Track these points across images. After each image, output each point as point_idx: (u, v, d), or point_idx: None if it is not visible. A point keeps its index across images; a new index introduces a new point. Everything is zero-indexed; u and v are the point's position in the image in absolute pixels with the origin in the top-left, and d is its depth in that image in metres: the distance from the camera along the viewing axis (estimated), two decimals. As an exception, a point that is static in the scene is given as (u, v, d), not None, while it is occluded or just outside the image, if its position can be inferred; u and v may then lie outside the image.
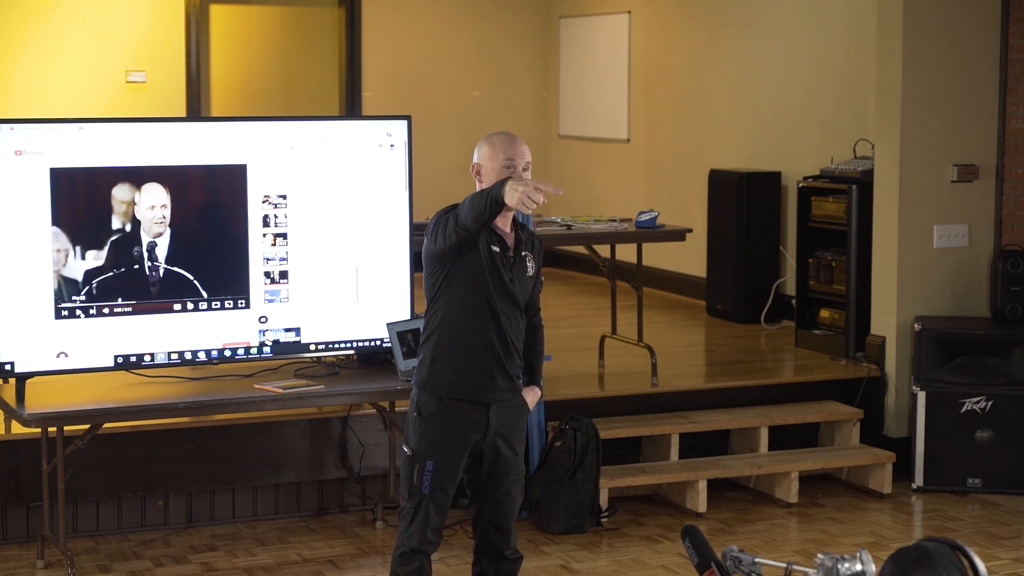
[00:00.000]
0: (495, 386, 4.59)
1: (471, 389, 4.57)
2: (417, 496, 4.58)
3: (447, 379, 4.57)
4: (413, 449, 4.60)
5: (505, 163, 4.56)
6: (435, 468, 4.56)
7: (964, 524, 6.68)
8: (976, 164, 7.57)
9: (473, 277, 4.53)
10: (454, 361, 4.56)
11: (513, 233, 4.65)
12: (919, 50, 7.44)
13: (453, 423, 4.56)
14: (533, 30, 12.06)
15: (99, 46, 10.93)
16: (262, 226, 6.19)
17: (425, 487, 4.56)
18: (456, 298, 4.55)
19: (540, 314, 4.84)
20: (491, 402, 4.59)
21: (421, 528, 4.60)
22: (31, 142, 5.81)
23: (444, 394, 4.57)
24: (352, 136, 6.33)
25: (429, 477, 4.56)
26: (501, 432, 4.62)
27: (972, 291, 7.60)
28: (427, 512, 4.59)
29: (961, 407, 7.15)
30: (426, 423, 4.58)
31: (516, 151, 4.57)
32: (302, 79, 11.66)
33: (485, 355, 4.56)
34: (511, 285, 4.58)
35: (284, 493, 6.66)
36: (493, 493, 4.68)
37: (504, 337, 4.58)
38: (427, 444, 4.57)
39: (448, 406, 4.57)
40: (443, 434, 4.57)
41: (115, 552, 6.17)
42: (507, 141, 4.60)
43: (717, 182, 9.51)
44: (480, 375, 4.56)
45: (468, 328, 4.55)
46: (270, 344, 6.23)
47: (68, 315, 5.90)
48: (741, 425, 7.22)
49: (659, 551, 6.26)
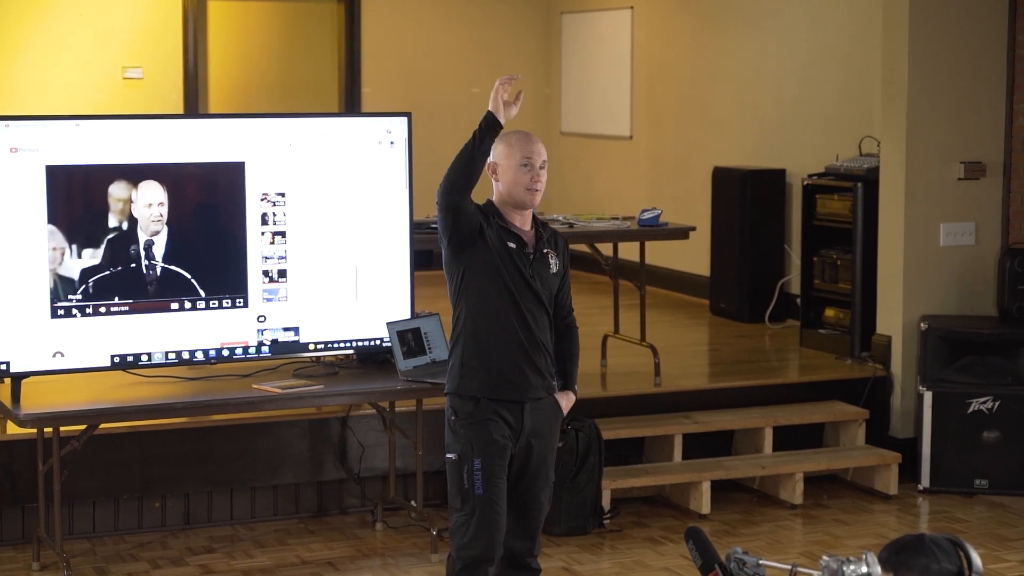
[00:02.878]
0: (528, 383, 4.57)
1: (505, 387, 4.54)
2: (471, 500, 4.50)
3: (480, 380, 4.55)
4: (457, 453, 4.54)
5: (522, 161, 4.60)
6: (484, 465, 4.49)
7: (971, 526, 6.69)
8: (983, 161, 7.58)
9: (490, 275, 4.53)
10: (485, 362, 4.55)
11: (533, 231, 4.66)
12: (925, 46, 7.44)
13: (493, 420, 4.52)
14: (535, 26, 12.07)
15: (96, 42, 10.93)
16: (260, 224, 6.19)
17: (478, 487, 4.49)
18: (476, 297, 4.55)
19: (573, 315, 4.80)
20: (526, 400, 4.56)
21: (483, 532, 4.49)
22: (27, 139, 5.81)
23: (479, 395, 4.54)
24: (352, 133, 6.34)
25: (480, 476, 4.49)
26: (534, 434, 4.60)
27: (979, 290, 7.61)
28: (485, 513, 4.48)
29: (968, 407, 7.16)
30: (465, 423, 4.54)
31: (532, 149, 4.62)
32: (301, 75, 11.66)
33: (514, 352, 4.55)
34: (533, 282, 4.57)
35: (283, 494, 6.67)
36: (522, 497, 4.62)
37: (531, 333, 4.56)
38: (471, 443, 4.52)
39: (485, 406, 4.54)
40: (484, 431, 4.52)
41: (112, 554, 6.18)
42: (523, 139, 4.66)
43: (721, 180, 9.51)
44: (512, 372, 4.54)
45: (493, 326, 4.54)
46: (268, 344, 6.24)
47: (64, 314, 5.91)
48: (745, 425, 7.22)
49: (662, 553, 6.27)
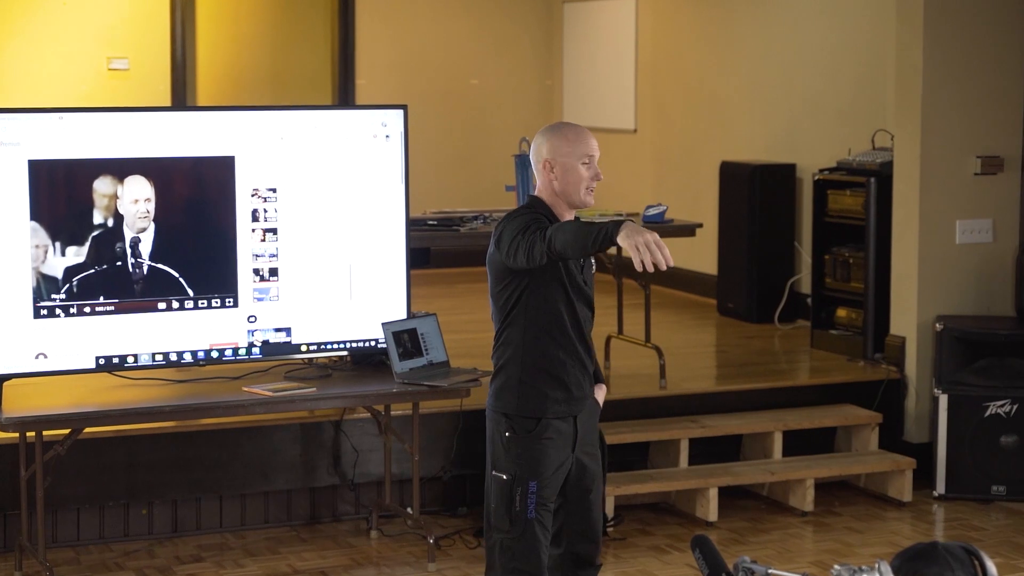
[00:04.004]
0: (585, 396, 4.54)
1: (569, 406, 4.48)
2: (522, 523, 4.41)
3: (544, 400, 4.45)
4: (511, 473, 4.42)
5: (583, 158, 4.44)
6: (539, 489, 4.41)
7: (988, 533, 6.68)
8: (1000, 156, 7.57)
9: (553, 291, 4.42)
10: (551, 381, 4.46)
11: None
12: (941, 36, 7.43)
13: (549, 439, 4.45)
14: (536, 15, 12.06)
15: (79, 31, 10.93)
16: (251, 221, 6.18)
17: (531, 511, 4.40)
18: (537, 314, 4.44)
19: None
20: (579, 412, 4.53)
21: (534, 553, 4.42)
22: (8, 133, 5.80)
23: (542, 416, 4.45)
24: (345, 126, 6.32)
25: (534, 500, 4.41)
26: (585, 438, 4.56)
27: (996, 289, 7.59)
28: (535, 536, 4.41)
29: (985, 411, 7.15)
30: (523, 442, 4.44)
31: (593, 144, 4.48)
32: (293, 66, 11.66)
33: (577, 367, 4.49)
34: (586, 288, 4.52)
35: (274, 501, 6.66)
36: (581, 502, 4.57)
37: (586, 345, 4.53)
38: (528, 465, 4.43)
39: (545, 424, 4.45)
40: (543, 452, 4.43)
41: (97, 563, 6.16)
42: (583, 134, 4.49)
43: (729, 175, 9.50)
44: (575, 388, 4.49)
45: (557, 343, 4.45)
46: (259, 345, 6.23)
47: (47, 314, 5.89)
48: (754, 430, 7.21)
49: (667, 562, 6.26)
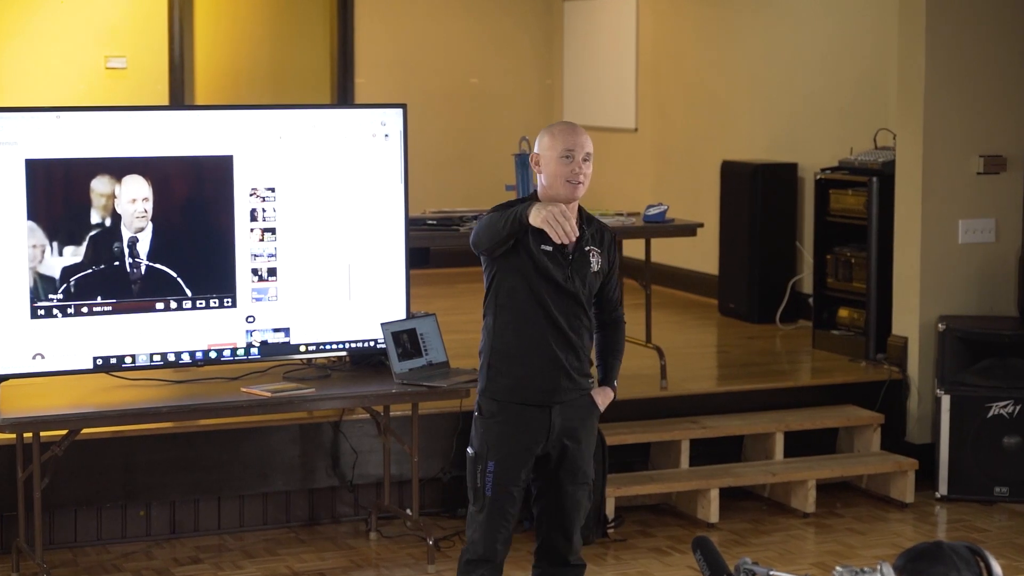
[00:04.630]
0: (556, 388, 4.65)
1: (532, 394, 4.64)
2: (481, 499, 4.66)
3: (505, 385, 4.66)
4: (476, 450, 4.68)
5: (564, 153, 4.61)
6: (496, 469, 4.63)
7: (990, 535, 6.69)
8: (1003, 155, 7.58)
9: (520, 281, 4.60)
10: (512, 368, 4.65)
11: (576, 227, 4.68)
12: (943, 34, 7.44)
13: (514, 424, 4.64)
14: (535, 13, 12.06)
15: (77, 30, 10.93)
16: (249, 220, 6.19)
17: (488, 490, 4.64)
18: (506, 301, 4.64)
19: (621, 310, 4.89)
20: (553, 404, 4.65)
21: (487, 535, 4.66)
22: (5, 132, 5.81)
23: (504, 399, 4.65)
24: (344, 125, 6.34)
25: (491, 479, 4.63)
26: (567, 431, 4.68)
27: (999, 289, 7.60)
28: (491, 517, 4.64)
29: (987, 411, 7.16)
30: (487, 423, 4.67)
31: (576, 141, 4.63)
32: (292, 65, 11.66)
33: (543, 360, 4.63)
34: (568, 284, 4.62)
35: (273, 502, 6.67)
36: (557, 494, 4.72)
37: (564, 339, 4.64)
38: (488, 444, 4.65)
39: (509, 408, 4.65)
40: (504, 435, 4.65)
41: (94, 565, 6.17)
42: (567, 130, 4.67)
43: (730, 174, 9.51)
44: (540, 380, 4.64)
45: (522, 333, 4.63)
46: (258, 345, 6.24)
47: (45, 314, 5.90)
48: (755, 431, 7.22)
49: (668, 564, 6.27)
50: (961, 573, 2.74)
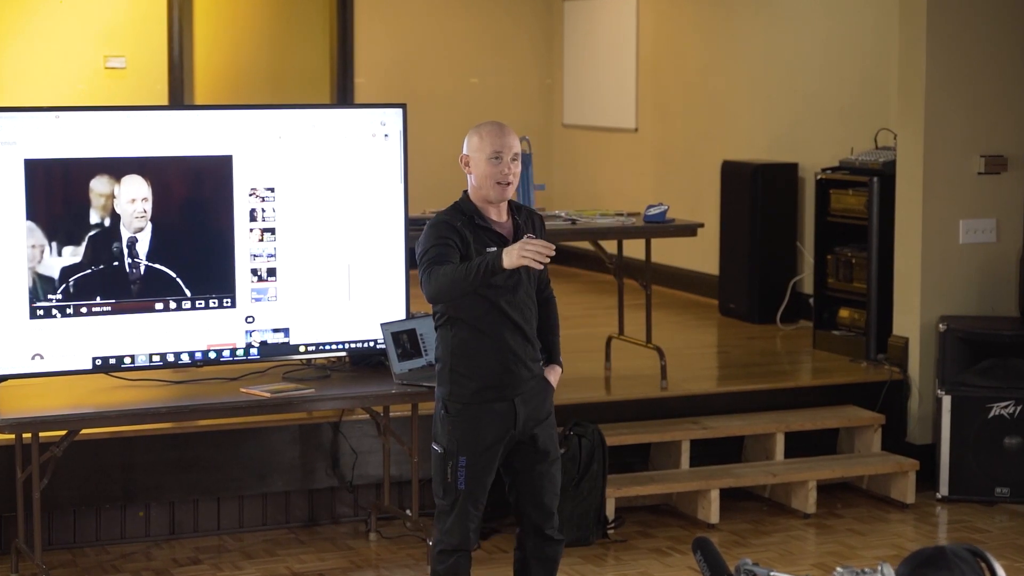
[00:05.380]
0: (518, 380, 4.78)
1: (496, 391, 4.76)
2: (453, 493, 4.77)
3: (470, 388, 4.76)
4: (444, 447, 4.77)
5: (493, 154, 4.73)
6: (468, 463, 4.74)
7: (991, 536, 6.69)
8: (1004, 155, 7.58)
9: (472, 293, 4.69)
10: (474, 370, 4.76)
11: (509, 220, 4.82)
12: (944, 34, 7.44)
13: (482, 419, 4.75)
14: (535, 13, 12.07)
15: (76, 30, 10.93)
16: (249, 221, 6.19)
17: (461, 483, 4.75)
18: (464, 308, 4.73)
19: (551, 287, 5.03)
20: (516, 395, 4.78)
21: (460, 525, 4.78)
22: (4, 132, 5.81)
23: (469, 401, 4.76)
24: (344, 125, 6.33)
25: (464, 473, 4.75)
26: (530, 418, 4.81)
27: (1000, 289, 7.60)
28: (465, 508, 4.78)
29: (988, 412, 7.16)
30: (454, 420, 4.77)
31: (503, 142, 4.74)
32: (291, 65, 11.66)
33: (504, 357, 4.76)
34: (517, 274, 4.73)
35: (272, 503, 6.67)
36: (531, 476, 4.86)
37: (520, 333, 4.78)
38: (457, 441, 4.75)
39: (475, 406, 4.76)
40: (472, 430, 4.76)
41: (93, 565, 6.17)
42: (495, 131, 4.76)
43: (730, 174, 9.51)
44: (502, 377, 4.76)
45: (481, 335, 4.75)
46: (257, 345, 6.24)
47: (44, 315, 5.90)
48: (755, 431, 7.22)
49: (669, 564, 6.27)
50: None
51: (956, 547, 2.79)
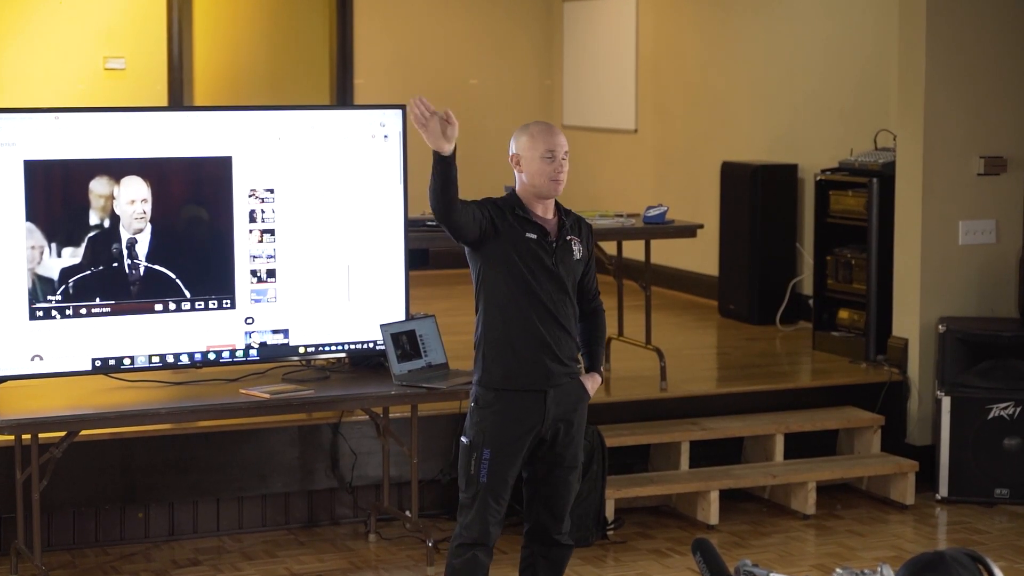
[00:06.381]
0: (548, 372, 4.82)
1: (524, 377, 4.81)
2: (475, 486, 4.83)
3: (499, 373, 4.82)
4: (470, 439, 4.84)
5: (546, 152, 4.88)
6: (492, 457, 4.79)
7: (991, 537, 6.69)
8: (1004, 156, 7.58)
9: (507, 268, 4.80)
10: (504, 355, 4.82)
11: (556, 219, 4.95)
12: (944, 35, 7.44)
13: (510, 412, 4.81)
14: (535, 13, 12.07)
15: (76, 30, 10.93)
16: (248, 222, 6.19)
17: (483, 476, 4.80)
18: (495, 290, 4.83)
19: (600, 299, 5.09)
20: (547, 388, 4.82)
21: (480, 519, 4.83)
22: (3, 133, 5.81)
23: (500, 386, 4.81)
24: (344, 126, 6.34)
25: (486, 466, 4.80)
26: (560, 417, 4.86)
27: (999, 290, 7.61)
28: (485, 502, 4.82)
29: (988, 413, 7.16)
30: (483, 412, 4.83)
31: (555, 141, 4.89)
32: (291, 66, 11.66)
33: (534, 345, 4.81)
34: (555, 269, 4.83)
35: (272, 504, 6.67)
36: (547, 477, 4.90)
37: (552, 322, 4.83)
38: (484, 433, 4.81)
39: (505, 396, 4.81)
40: (500, 423, 4.81)
41: (93, 567, 6.18)
42: (546, 131, 4.92)
43: (730, 175, 9.51)
44: (531, 365, 4.81)
45: (513, 320, 4.81)
46: (257, 347, 6.24)
47: (43, 316, 5.90)
48: (755, 432, 7.22)
49: (668, 566, 6.27)
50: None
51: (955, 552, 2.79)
